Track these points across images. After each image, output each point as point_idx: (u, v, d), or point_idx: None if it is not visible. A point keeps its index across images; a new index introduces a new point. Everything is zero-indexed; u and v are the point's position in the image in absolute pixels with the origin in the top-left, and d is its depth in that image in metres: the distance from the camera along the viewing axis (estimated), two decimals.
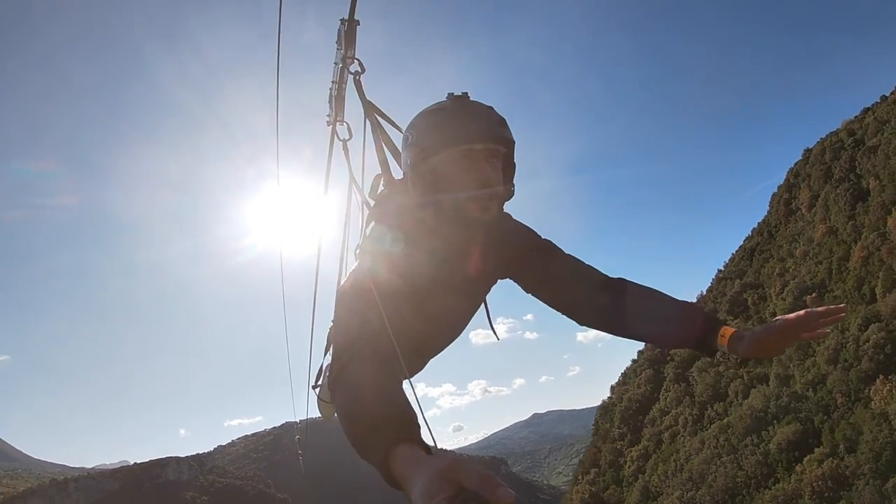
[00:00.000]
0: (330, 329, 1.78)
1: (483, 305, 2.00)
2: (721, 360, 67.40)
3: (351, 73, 2.19)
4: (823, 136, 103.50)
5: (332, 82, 2.45)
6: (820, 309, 1.53)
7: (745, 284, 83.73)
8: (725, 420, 50.87)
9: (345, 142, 2.50)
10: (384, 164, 1.97)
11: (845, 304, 1.35)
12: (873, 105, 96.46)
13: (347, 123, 2.51)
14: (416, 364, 1.99)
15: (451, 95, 1.64)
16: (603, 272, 1.83)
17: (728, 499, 43.09)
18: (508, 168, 1.69)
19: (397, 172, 1.86)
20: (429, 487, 0.86)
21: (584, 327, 1.87)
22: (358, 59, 2.18)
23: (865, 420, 38.73)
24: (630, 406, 72.78)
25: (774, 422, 45.90)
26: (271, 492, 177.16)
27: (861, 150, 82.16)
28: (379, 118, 2.16)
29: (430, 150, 1.58)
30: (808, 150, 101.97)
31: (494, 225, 1.66)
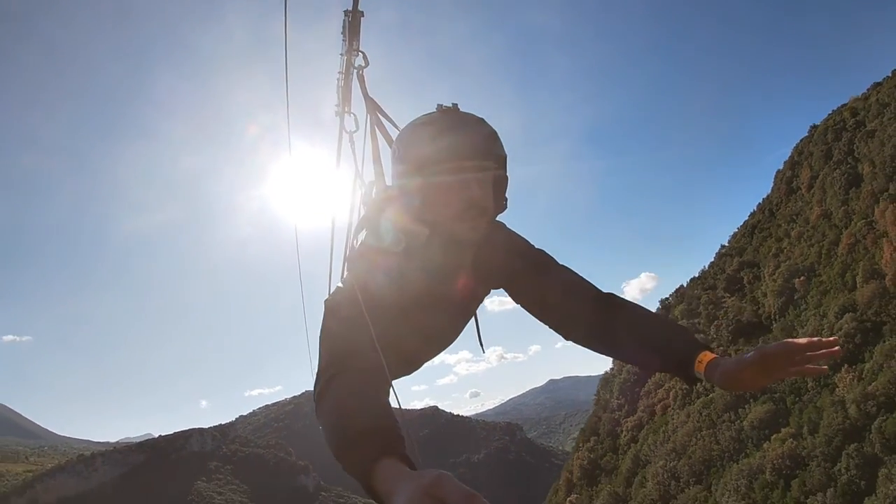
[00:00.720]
0: (319, 335, 1.78)
1: (474, 319, 2.04)
2: (714, 337, 71.89)
3: (354, 68, 2.29)
4: (833, 110, 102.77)
5: (339, 72, 2.53)
6: (801, 342, 1.40)
7: (743, 262, 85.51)
8: (710, 396, 55.20)
9: (351, 134, 2.55)
10: (379, 166, 2.05)
11: (837, 337, 1.38)
12: (884, 80, 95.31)
13: (354, 115, 2.54)
14: (402, 371, 2.04)
15: (440, 107, 1.62)
16: (593, 287, 1.79)
17: (704, 469, 47.26)
18: (500, 182, 1.67)
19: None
20: (411, 503, 0.86)
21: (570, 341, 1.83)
22: (362, 52, 2.28)
23: (826, 406, 42.42)
24: (628, 378, 77.21)
25: (751, 400, 49.55)
26: (292, 459, 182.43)
27: (860, 133, 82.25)
28: (380, 116, 2.23)
29: (418, 167, 1.56)
30: (814, 127, 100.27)
31: (485, 239, 1.69)
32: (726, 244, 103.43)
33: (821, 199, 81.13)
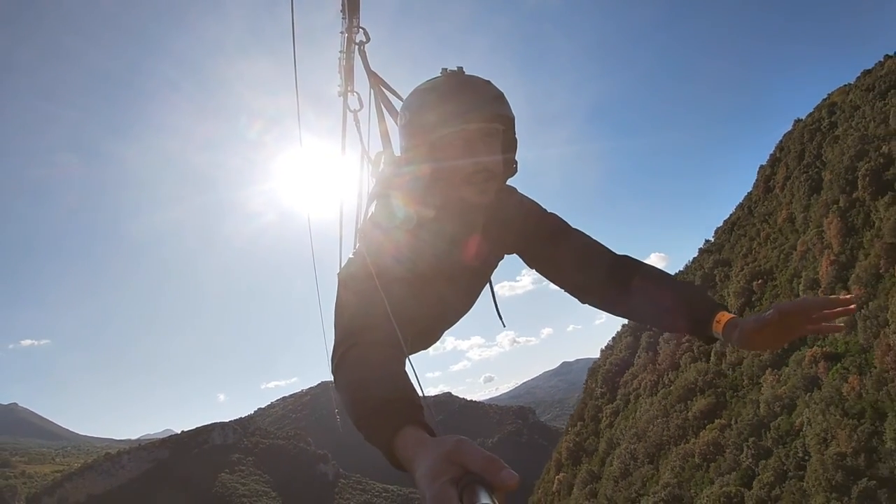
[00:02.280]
0: (334, 307, 1.80)
1: (490, 292, 2.07)
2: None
3: (356, 44, 2.35)
4: (820, 102, 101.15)
5: (340, 52, 2.59)
6: (818, 300, 1.47)
7: (718, 260, 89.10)
8: (669, 388, 64.95)
9: (355, 112, 2.60)
10: (386, 138, 2.10)
11: (853, 295, 0.95)
12: (857, 79, 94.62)
13: (358, 94, 2.60)
14: (421, 344, 2.07)
15: (445, 71, 1.65)
16: (608, 250, 1.83)
17: (656, 451, 56.56)
18: (509, 144, 1.69)
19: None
20: (433, 469, 0.88)
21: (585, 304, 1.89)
22: (363, 28, 2.34)
23: (747, 403, 51.09)
24: (611, 368, 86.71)
25: (699, 393, 59.13)
26: (312, 449, 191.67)
27: (829, 137, 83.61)
28: (384, 90, 2.28)
29: (423, 132, 1.59)
30: (798, 121, 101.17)
31: (496, 203, 1.71)
32: (711, 239, 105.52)
33: (789, 202, 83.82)
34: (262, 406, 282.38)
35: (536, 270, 1.91)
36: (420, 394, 1.21)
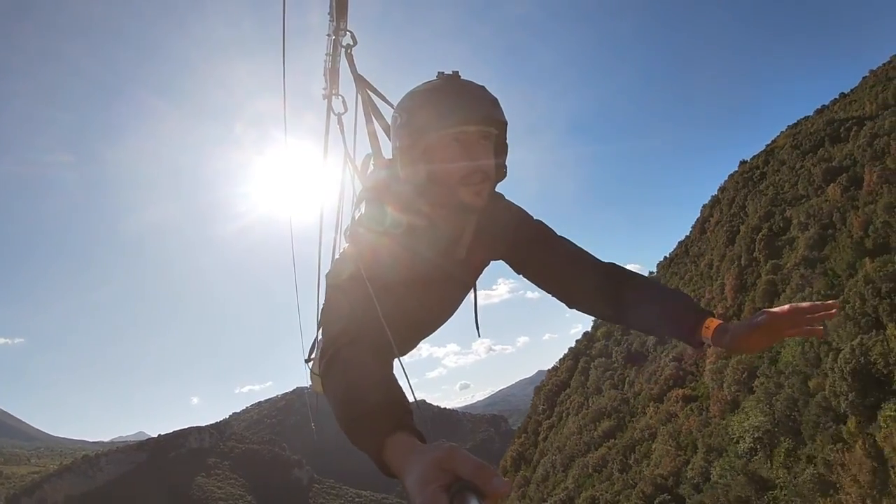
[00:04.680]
0: (322, 308, 1.87)
1: (473, 292, 2.11)
2: (615, 361, 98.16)
3: (343, 47, 2.38)
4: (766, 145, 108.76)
5: (326, 55, 2.62)
6: (804, 305, 1.59)
7: None
8: (588, 409, 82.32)
9: (340, 116, 2.61)
10: (374, 141, 2.15)
11: (836, 301, 1.58)
12: (788, 128, 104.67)
13: (343, 97, 2.62)
14: (406, 347, 2.12)
15: (441, 74, 1.70)
16: (594, 258, 1.92)
17: (568, 462, 73.22)
18: (501, 149, 1.75)
19: (387, 150, 1.96)
20: (424, 476, 0.90)
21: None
22: (350, 32, 2.38)
23: (630, 429, 67.04)
24: (552, 388, 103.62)
25: (606, 416, 74.57)
26: (286, 454, 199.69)
27: (754, 190, 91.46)
28: (371, 93, 2.33)
29: (420, 133, 1.63)
30: (742, 163, 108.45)
31: (486, 208, 1.75)
32: (654, 271, 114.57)
33: (713, 248, 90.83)
34: (238, 410, 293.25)
35: (524, 277, 2.01)
36: (410, 398, 1.29)
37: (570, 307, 1.99)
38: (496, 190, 1.86)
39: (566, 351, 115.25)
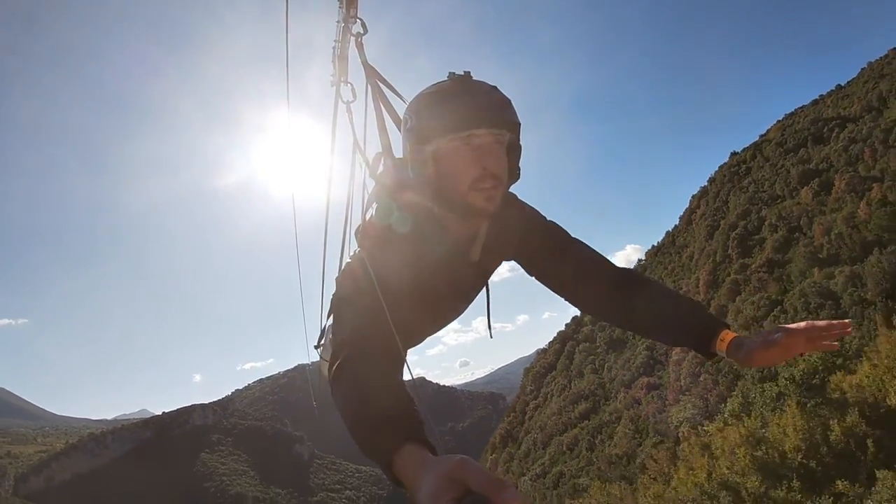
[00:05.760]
0: (332, 297, 1.90)
1: (486, 292, 2.11)
2: (600, 342, 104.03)
3: (353, 35, 2.34)
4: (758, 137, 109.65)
5: (335, 41, 2.59)
6: (821, 323, 1.63)
7: None
8: (568, 392, 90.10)
9: (348, 104, 2.58)
10: (385, 137, 2.06)
11: (850, 319, 1.08)
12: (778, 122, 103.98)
13: (352, 84, 2.56)
14: (413, 344, 2.12)
15: (452, 75, 1.68)
16: (609, 263, 1.93)
17: (547, 440, 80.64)
18: (514, 151, 1.73)
19: (397, 142, 1.89)
20: (435, 488, 0.91)
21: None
22: (360, 19, 2.35)
23: (602, 412, 74.16)
24: (540, 370, 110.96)
25: (584, 399, 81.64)
26: (288, 430, 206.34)
27: (736, 186, 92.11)
28: (381, 85, 2.26)
29: (430, 137, 1.62)
30: (733, 154, 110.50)
31: (498, 211, 1.73)
32: (643, 259, 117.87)
33: (695, 240, 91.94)
34: (240, 388, 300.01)
35: (535, 278, 2.02)
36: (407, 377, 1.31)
37: (584, 312, 2.17)
38: (509, 191, 1.85)
39: (555, 335, 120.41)
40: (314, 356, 2.40)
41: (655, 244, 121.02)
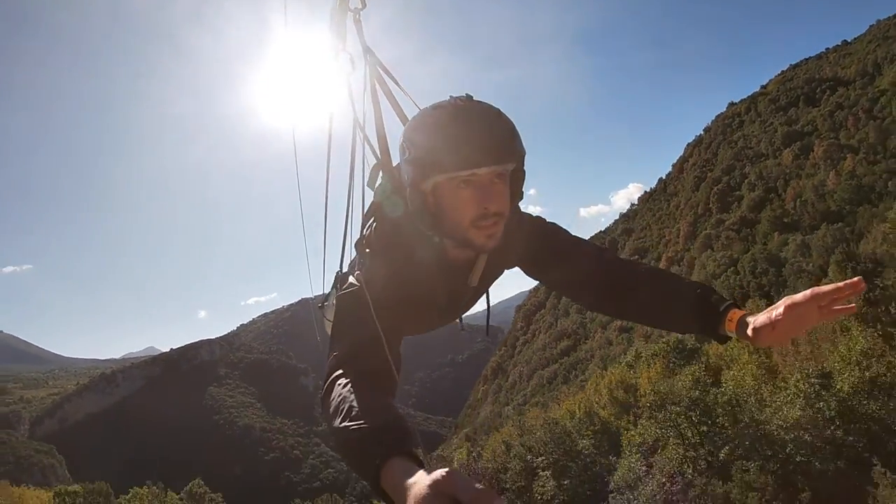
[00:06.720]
0: (337, 273, 1.97)
1: (486, 297, 2.08)
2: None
3: (350, 10, 2.15)
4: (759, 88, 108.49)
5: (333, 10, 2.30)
6: (826, 289, 1.53)
7: (626, 228, 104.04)
8: (550, 332, 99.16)
9: (348, 76, 2.24)
10: (383, 142, 1.97)
11: (860, 278, 1.46)
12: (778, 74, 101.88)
13: (351, 54, 2.21)
14: (397, 343, 1.89)
15: (452, 99, 1.61)
16: (609, 260, 1.92)
17: (531, 373, 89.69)
18: (518, 178, 1.68)
19: (396, 139, 1.76)
20: (422, 501, 0.92)
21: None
22: None
23: (581, 351, 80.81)
24: (530, 308, 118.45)
25: (566, 337, 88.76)
26: (293, 363, 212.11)
27: (728, 139, 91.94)
28: (380, 70, 2.13)
29: (429, 171, 1.55)
30: (730, 105, 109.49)
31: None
32: (635, 203, 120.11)
33: (682, 190, 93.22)
34: (245, 322, 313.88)
35: (536, 280, 2.05)
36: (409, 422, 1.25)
37: (588, 309, 2.12)
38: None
39: None
40: (318, 290, 2.40)
41: (646, 190, 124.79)
